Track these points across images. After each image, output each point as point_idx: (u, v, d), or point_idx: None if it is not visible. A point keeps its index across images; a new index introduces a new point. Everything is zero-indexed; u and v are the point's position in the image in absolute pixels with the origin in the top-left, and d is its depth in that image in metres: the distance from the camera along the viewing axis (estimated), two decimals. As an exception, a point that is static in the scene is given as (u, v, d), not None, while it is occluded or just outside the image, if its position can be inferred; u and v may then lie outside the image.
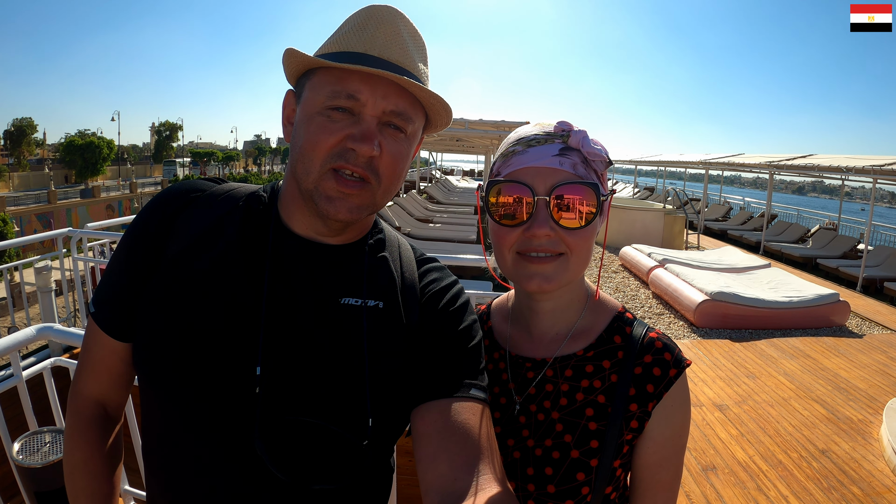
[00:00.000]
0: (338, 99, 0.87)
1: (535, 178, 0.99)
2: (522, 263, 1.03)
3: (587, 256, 1.04)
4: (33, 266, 4.88)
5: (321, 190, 0.88)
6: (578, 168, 1.00)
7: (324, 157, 0.87)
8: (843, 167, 12.95)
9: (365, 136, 0.86)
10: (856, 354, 6.71)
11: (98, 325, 0.99)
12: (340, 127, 0.87)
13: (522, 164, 1.01)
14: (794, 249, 14.88)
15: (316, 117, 0.88)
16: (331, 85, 0.87)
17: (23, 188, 49.81)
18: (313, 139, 0.87)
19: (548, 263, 1.01)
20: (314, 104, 0.89)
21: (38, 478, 1.85)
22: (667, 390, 1.02)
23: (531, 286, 1.02)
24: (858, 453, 4.28)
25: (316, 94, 0.89)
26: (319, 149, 0.87)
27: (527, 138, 1.03)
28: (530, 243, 1.00)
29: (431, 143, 19.65)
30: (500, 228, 1.03)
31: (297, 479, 0.90)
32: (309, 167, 0.88)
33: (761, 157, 17.90)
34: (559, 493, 1.03)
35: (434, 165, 44.10)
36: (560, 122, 1.03)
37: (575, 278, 1.07)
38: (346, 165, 0.87)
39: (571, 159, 1.00)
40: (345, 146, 0.87)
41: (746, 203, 24.10)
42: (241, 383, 0.88)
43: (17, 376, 2.05)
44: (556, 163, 0.99)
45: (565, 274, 1.02)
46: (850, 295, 9.86)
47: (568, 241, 1.00)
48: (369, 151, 0.86)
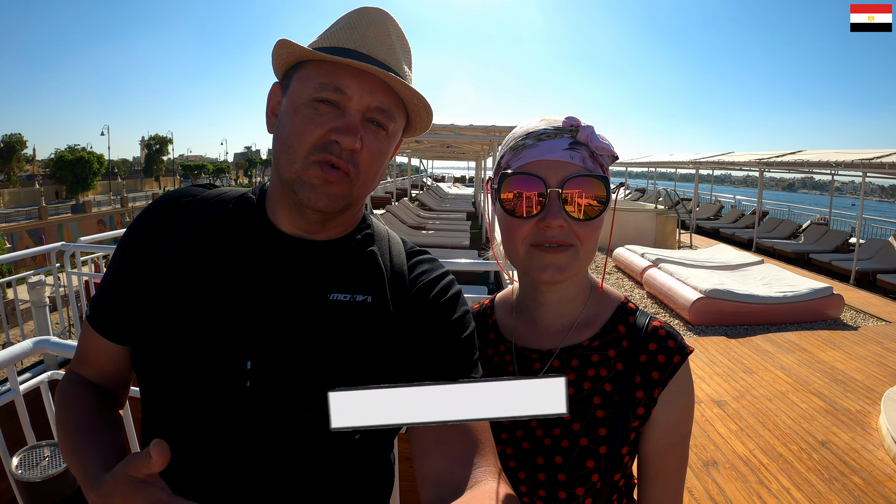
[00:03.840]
0: (326, 91, 0.88)
1: (548, 171, 1.01)
2: (536, 254, 1.04)
3: (594, 247, 1.06)
4: (27, 281, 4.84)
5: (304, 178, 0.89)
6: (587, 162, 1.02)
7: (308, 149, 0.88)
8: (833, 162, 13.05)
9: (349, 128, 0.88)
10: (852, 346, 6.76)
11: (93, 328, 1.01)
12: (326, 120, 0.88)
13: (534, 157, 1.03)
14: (787, 245, 14.95)
15: (302, 109, 0.90)
16: (320, 77, 0.89)
17: (13, 205, 49.51)
18: (299, 130, 0.89)
19: (560, 254, 1.02)
20: (301, 95, 0.90)
21: (38, 492, 1.83)
22: (671, 377, 1.04)
23: (545, 276, 1.04)
24: (858, 443, 4.30)
25: (304, 85, 0.91)
26: (304, 140, 0.88)
27: (536, 132, 1.05)
28: (544, 235, 1.02)
29: (422, 151, 19.72)
30: (513, 220, 1.05)
31: (290, 473, 0.91)
32: (293, 157, 0.90)
33: (751, 155, 18.01)
34: (570, 481, 1.04)
35: (425, 173, 44.23)
36: (568, 118, 1.05)
37: (583, 269, 1.09)
38: (329, 157, 0.88)
39: (581, 153, 1.02)
40: (329, 139, 0.88)
41: (737, 201, 24.28)
42: (232, 379, 0.89)
43: (14, 390, 2.03)
44: (566, 156, 1.01)
45: (576, 264, 1.04)
46: (843, 288, 9.94)
47: (578, 232, 1.02)
48: (351, 144, 0.87)
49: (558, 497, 1.06)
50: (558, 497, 1.06)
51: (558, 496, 1.06)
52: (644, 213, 14.25)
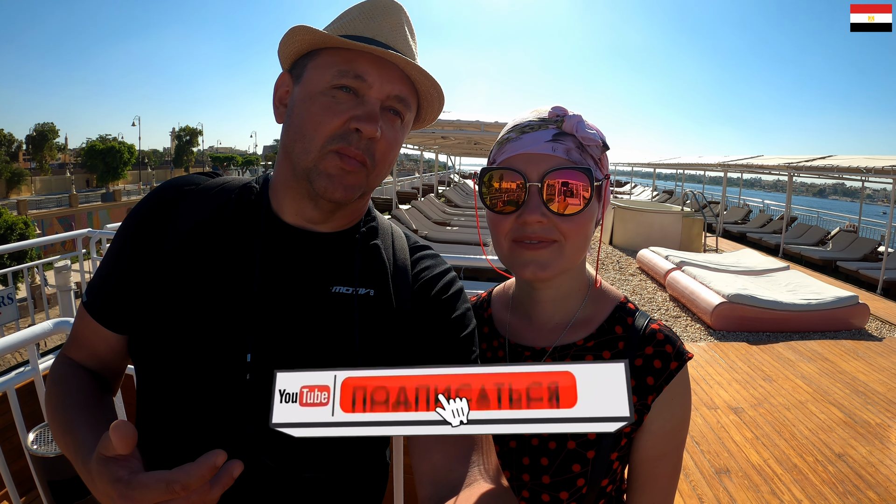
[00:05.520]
0: (345, 78, 0.88)
1: (528, 165, 0.98)
2: (518, 251, 1.02)
3: (584, 243, 1.03)
4: (53, 266, 4.96)
5: (321, 168, 0.89)
6: (573, 153, 0.98)
7: (326, 138, 0.88)
8: (863, 168, 12.74)
9: (370, 116, 0.87)
10: (875, 357, 6.60)
11: (90, 315, 0.99)
12: (345, 108, 0.88)
13: (516, 150, 1.00)
14: (814, 252, 14.66)
15: (319, 97, 0.89)
16: (339, 65, 0.88)
17: (45, 192, 50.68)
18: (317, 119, 0.88)
19: (542, 250, 1.00)
20: (319, 83, 0.89)
21: (52, 467, 1.90)
22: (667, 383, 1.01)
23: (526, 273, 1.02)
24: (875, 457, 4.21)
25: (321, 73, 0.90)
26: (323, 129, 0.87)
27: (521, 125, 1.02)
28: (524, 230, 0.99)
29: (450, 147, 19.70)
30: (495, 216, 1.03)
31: (287, 466, 0.91)
32: (309, 147, 0.89)
33: (780, 159, 17.69)
34: (554, 484, 1.02)
35: (452, 169, 44.17)
36: (554, 108, 1.02)
37: (572, 266, 1.05)
38: (347, 148, 0.88)
39: (565, 144, 0.98)
40: (349, 127, 0.87)
41: (766, 206, 23.83)
42: (232, 371, 0.89)
43: (34, 368, 2.08)
44: (548, 148, 0.97)
45: (560, 261, 1.01)
46: (869, 297, 9.71)
47: (562, 227, 0.98)
48: (372, 132, 0.87)
49: (542, 500, 1.04)
50: (542, 500, 1.04)
51: (541, 499, 1.04)
52: (670, 215, 14.08)
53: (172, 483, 0.61)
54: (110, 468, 0.66)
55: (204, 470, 0.62)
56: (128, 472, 0.65)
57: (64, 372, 1.00)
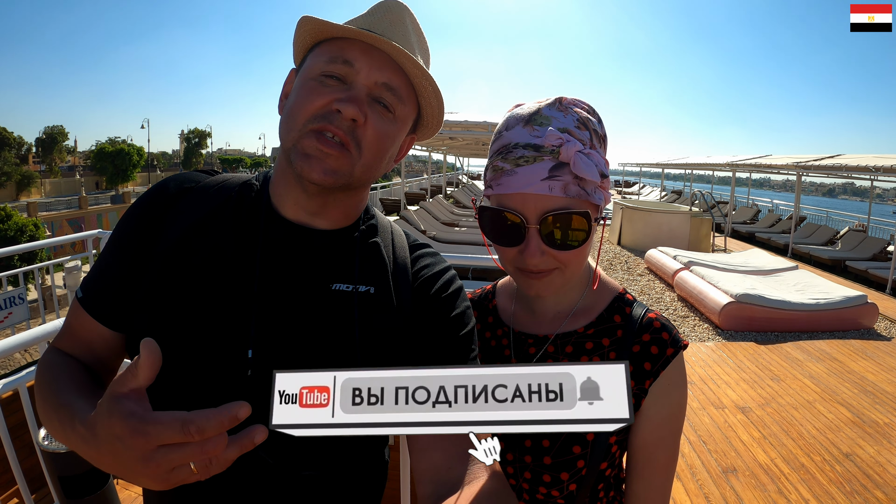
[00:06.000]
0: (334, 64, 0.89)
1: (525, 206, 0.98)
2: (521, 277, 1.06)
3: (582, 262, 1.06)
4: (63, 267, 5.00)
5: (299, 147, 0.88)
6: (570, 189, 0.96)
7: (308, 117, 0.88)
8: (872, 167, 12.66)
9: (352, 98, 0.87)
10: (884, 357, 6.56)
11: (88, 312, 0.96)
12: (330, 91, 0.88)
13: (511, 188, 0.98)
14: (823, 252, 14.57)
15: (309, 82, 0.90)
16: (330, 53, 0.90)
17: (54, 194, 51.13)
18: (302, 101, 0.89)
19: (544, 279, 1.04)
20: (311, 70, 0.91)
21: (63, 463, 1.92)
22: (664, 368, 1.05)
23: (530, 293, 1.08)
24: (883, 457, 4.19)
25: (315, 60, 0.92)
26: (305, 109, 0.88)
27: (515, 154, 0.98)
28: (525, 264, 1.02)
29: (458, 148, 19.74)
30: (497, 246, 1.07)
31: (287, 464, 0.91)
32: (291, 126, 0.89)
33: (789, 159, 17.61)
34: (555, 465, 1.06)
35: (461, 170, 44.24)
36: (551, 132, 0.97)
37: (572, 280, 1.11)
38: (328, 127, 0.87)
39: (562, 180, 0.96)
40: (330, 108, 0.87)
41: (775, 205, 23.73)
42: (233, 368, 0.89)
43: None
44: (545, 188, 0.95)
45: (562, 281, 1.06)
46: (879, 297, 9.66)
47: (561, 258, 1.01)
48: (353, 113, 0.86)
49: (543, 480, 1.07)
50: (543, 480, 1.07)
51: (543, 479, 1.07)
52: (679, 216, 14.03)
53: (188, 423, 0.59)
54: (123, 404, 0.63)
55: (224, 418, 0.61)
56: (142, 409, 0.63)
57: (56, 359, 0.95)
